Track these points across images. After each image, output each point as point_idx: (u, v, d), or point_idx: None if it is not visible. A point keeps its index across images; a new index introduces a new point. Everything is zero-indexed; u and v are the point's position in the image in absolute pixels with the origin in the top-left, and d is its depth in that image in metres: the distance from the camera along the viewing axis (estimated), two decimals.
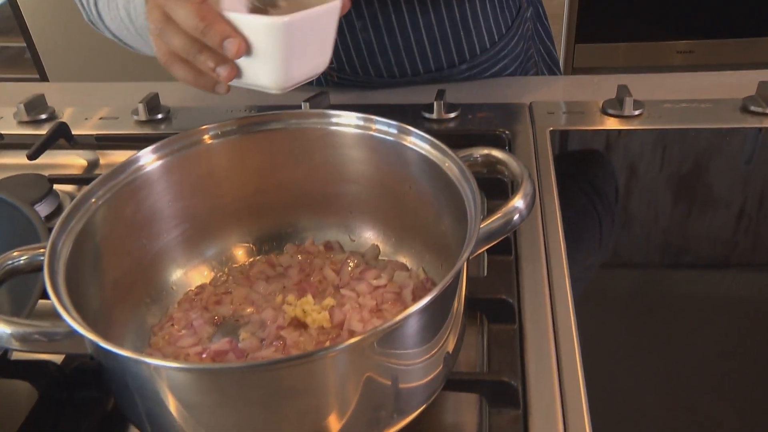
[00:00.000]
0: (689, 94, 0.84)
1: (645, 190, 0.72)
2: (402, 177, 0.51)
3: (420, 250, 0.54)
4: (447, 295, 0.40)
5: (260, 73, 0.52)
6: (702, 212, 0.68)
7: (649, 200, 0.70)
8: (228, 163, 0.53)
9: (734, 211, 0.67)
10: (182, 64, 0.54)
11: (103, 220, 0.46)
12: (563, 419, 0.46)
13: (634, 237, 0.66)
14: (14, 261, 0.42)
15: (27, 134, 0.85)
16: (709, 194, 0.70)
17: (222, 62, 0.52)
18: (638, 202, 0.70)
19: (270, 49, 0.50)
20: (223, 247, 0.56)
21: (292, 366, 0.36)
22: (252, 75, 0.52)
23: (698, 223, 0.66)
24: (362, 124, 0.51)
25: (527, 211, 0.45)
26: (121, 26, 0.74)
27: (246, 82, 0.53)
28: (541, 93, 0.90)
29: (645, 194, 0.71)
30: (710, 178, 0.73)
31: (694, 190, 0.71)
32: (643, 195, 0.71)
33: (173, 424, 0.39)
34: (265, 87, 0.52)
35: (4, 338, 0.38)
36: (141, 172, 0.49)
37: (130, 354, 0.36)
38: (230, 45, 0.49)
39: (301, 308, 0.50)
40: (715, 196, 0.69)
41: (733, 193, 0.70)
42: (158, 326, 0.51)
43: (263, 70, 0.51)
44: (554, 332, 0.53)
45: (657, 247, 0.65)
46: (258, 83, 0.53)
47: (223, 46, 0.50)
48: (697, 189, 0.71)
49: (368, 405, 0.39)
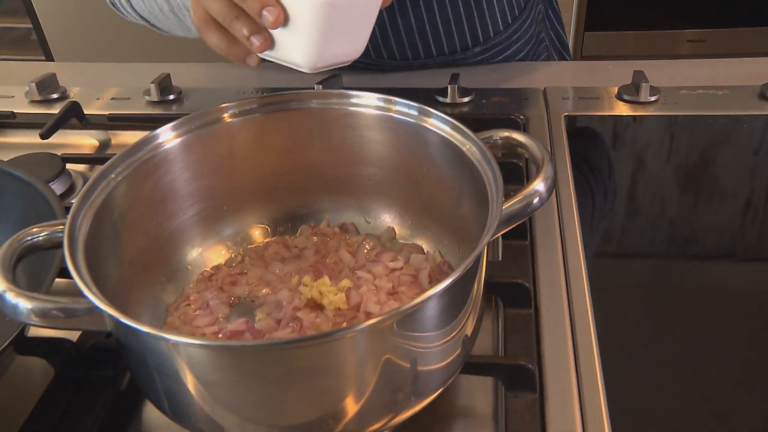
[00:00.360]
0: (705, 80, 0.83)
1: (660, 177, 0.71)
2: (421, 159, 0.51)
3: (437, 233, 0.54)
4: (468, 277, 0.40)
5: (294, 49, 0.51)
6: (722, 200, 0.67)
7: (665, 187, 0.70)
8: (247, 142, 0.52)
9: (761, 197, 0.67)
10: (217, 30, 0.53)
11: (121, 196, 0.46)
12: (579, 403, 0.46)
13: (651, 223, 0.66)
14: (33, 237, 0.41)
15: (39, 113, 0.85)
16: (728, 180, 0.69)
17: (257, 31, 0.50)
18: (654, 188, 0.70)
19: (309, 24, 0.49)
20: (239, 227, 0.56)
21: (312, 345, 0.36)
22: (285, 50, 0.51)
23: (720, 210, 0.66)
24: (382, 105, 0.51)
25: (547, 194, 0.45)
26: (153, 5, 0.74)
27: (277, 56, 0.52)
28: (555, 78, 0.89)
29: (660, 181, 0.71)
30: (728, 164, 0.72)
31: (713, 176, 0.70)
32: (659, 181, 0.70)
33: (191, 402, 0.39)
34: (295, 64, 0.51)
35: (24, 313, 0.38)
36: (160, 149, 0.48)
37: (150, 330, 0.35)
38: (269, 14, 0.48)
39: (317, 289, 0.49)
40: (734, 182, 0.69)
41: (754, 178, 0.69)
42: (174, 306, 0.51)
43: (297, 45, 0.50)
44: (570, 317, 0.53)
45: (676, 234, 0.64)
46: (289, 59, 0.51)
47: (261, 14, 0.49)
48: (716, 175, 0.71)
49: (386, 387, 0.39)
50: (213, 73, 0.97)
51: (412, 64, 0.91)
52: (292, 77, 0.94)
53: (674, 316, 0.55)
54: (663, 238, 0.64)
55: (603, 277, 0.58)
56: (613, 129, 0.79)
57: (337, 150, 0.53)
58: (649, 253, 0.63)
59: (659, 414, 0.47)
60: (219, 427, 0.40)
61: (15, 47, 3.20)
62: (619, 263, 0.63)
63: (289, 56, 0.51)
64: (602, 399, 0.46)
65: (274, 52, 0.52)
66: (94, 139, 0.83)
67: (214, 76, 0.97)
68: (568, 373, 0.48)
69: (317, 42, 0.49)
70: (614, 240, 0.65)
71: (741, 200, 0.67)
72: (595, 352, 0.49)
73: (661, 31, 1.96)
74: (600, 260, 0.61)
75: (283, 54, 0.51)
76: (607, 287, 0.57)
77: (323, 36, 0.49)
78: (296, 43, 0.50)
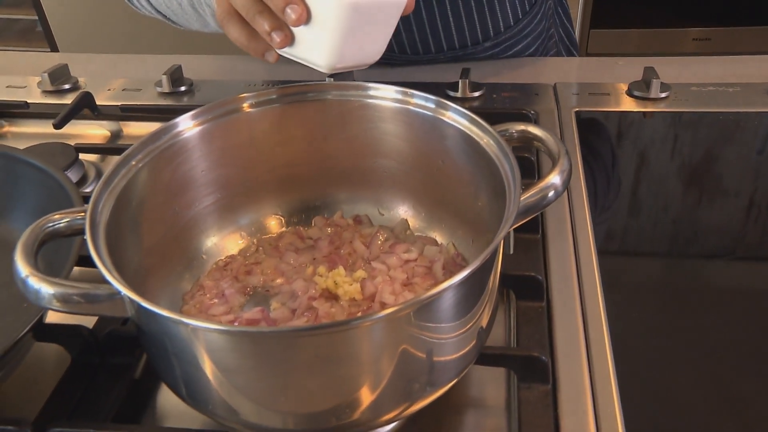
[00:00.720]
0: (715, 78, 0.84)
1: (671, 173, 0.71)
2: (437, 152, 0.51)
3: (451, 226, 0.54)
4: (485, 268, 0.40)
5: (314, 48, 0.51)
6: (735, 197, 0.67)
7: (674, 183, 0.70)
8: (264, 132, 0.53)
9: None
10: (238, 24, 0.54)
11: (141, 184, 0.46)
12: (592, 394, 0.47)
13: (663, 219, 0.66)
14: (55, 224, 0.42)
15: (51, 103, 0.85)
16: (741, 176, 0.70)
17: (279, 28, 0.51)
18: (664, 184, 0.70)
19: (331, 24, 0.49)
20: (254, 217, 0.56)
21: (332, 333, 0.37)
22: (305, 48, 0.52)
23: (730, 206, 0.66)
24: (400, 97, 0.51)
25: (563, 187, 0.45)
26: (172, 1, 0.74)
27: (296, 54, 0.52)
28: (565, 74, 0.90)
29: (670, 177, 0.71)
30: (737, 161, 0.72)
31: (727, 173, 0.71)
32: (669, 178, 0.71)
33: (208, 387, 0.40)
34: (314, 63, 0.52)
35: (46, 298, 0.38)
36: (179, 138, 0.49)
37: (172, 315, 0.36)
38: (292, 11, 0.49)
39: (332, 280, 0.50)
40: (743, 179, 0.69)
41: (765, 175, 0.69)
42: (189, 294, 0.52)
43: (318, 45, 0.50)
44: (582, 309, 0.53)
45: (687, 230, 0.65)
46: (308, 57, 0.52)
47: (285, 11, 0.49)
48: (730, 172, 0.71)
49: (402, 376, 0.40)
50: (223, 65, 0.98)
51: (422, 58, 0.91)
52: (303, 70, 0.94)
53: (685, 309, 0.55)
54: (675, 233, 0.65)
55: (614, 270, 0.58)
56: (623, 125, 0.79)
57: (353, 142, 0.54)
58: (662, 248, 0.63)
59: (671, 404, 0.47)
60: (235, 413, 0.40)
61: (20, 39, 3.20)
62: (629, 257, 0.63)
63: (309, 55, 0.51)
64: (614, 390, 0.47)
65: (293, 49, 0.52)
66: (105, 130, 0.84)
67: (224, 68, 0.97)
68: (580, 365, 0.49)
69: (338, 43, 0.49)
70: (626, 235, 0.65)
71: (752, 197, 0.67)
72: (606, 345, 0.50)
73: (666, 30, 1.96)
74: (609, 254, 0.61)
75: (303, 52, 0.52)
76: (619, 280, 0.58)
77: (344, 37, 0.49)
78: (317, 42, 0.50)
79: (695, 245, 0.63)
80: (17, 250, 0.40)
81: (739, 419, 0.46)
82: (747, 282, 0.59)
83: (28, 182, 0.57)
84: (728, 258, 0.61)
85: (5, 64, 1.03)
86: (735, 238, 0.63)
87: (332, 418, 0.40)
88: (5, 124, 0.85)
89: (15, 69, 1.00)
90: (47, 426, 0.44)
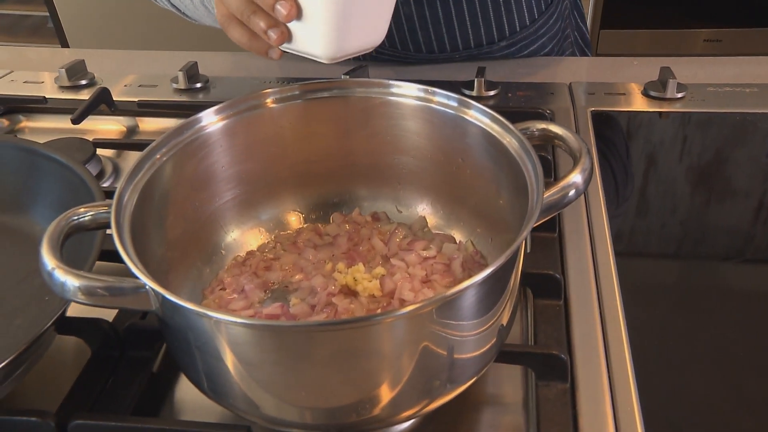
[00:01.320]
0: (730, 78, 0.83)
1: (687, 173, 0.71)
2: (457, 150, 0.51)
3: (469, 223, 0.54)
4: (508, 266, 0.41)
5: (312, 40, 0.52)
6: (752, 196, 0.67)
7: (689, 183, 0.70)
8: (286, 128, 0.53)
9: None
10: (238, 26, 0.54)
11: (165, 178, 0.47)
12: (611, 393, 0.47)
13: (676, 219, 0.66)
14: (80, 217, 0.42)
15: (68, 99, 0.86)
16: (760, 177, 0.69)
17: (274, 25, 0.52)
18: (679, 185, 0.70)
19: (323, 16, 0.49)
20: (273, 213, 0.56)
21: (355, 328, 0.37)
22: (303, 42, 0.52)
23: (750, 207, 0.66)
24: (422, 95, 0.51)
25: (584, 186, 0.45)
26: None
27: (296, 48, 0.53)
28: (580, 73, 0.90)
29: (686, 177, 0.71)
30: (759, 161, 0.72)
31: (741, 174, 0.70)
32: (684, 178, 0.71)
33: (230, 381, 0.40)
34: (314, 55, 0.52)
35: (71, 291, 0.39)
36: (203, 132, 0.49)
37: (197, 308, 0.36)
38: (282, 8, 0.50)
39: (351, 276, 0.50)
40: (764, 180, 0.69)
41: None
42: (209, 290, 0.52)
43: (315, 37, 0.51)
44: (600, 308, 0.53)
45: (706, 231, 0.65)
46: (308, 50, 0.52)
47: (275, 8, 0.50)
48: (744, 173, 0.70)
49: (423, 373, 0.40)
50: (239, 61, 0.98)
51: (438, 57, 0.91)
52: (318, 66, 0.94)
53: (703, 309, 0.55)
54: (691, 233, 0.64)
55: (631, 270, 0.58)
56: (638, 124, 0.79)
57: (374, 139, 0.54)
58: (680, 248, 0.63)
59: (690, 403, 0.47)
60: (256, 407, 0.40)
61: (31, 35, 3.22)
62: (645, 256, 0.63)
63: (308, 48, 0.52)
64: (633, 389, 0.47)
65: (293, 44, 0.53)
66: (121, 125, 0.84)
67: (239, 64, 0.97)
68: (598, 363, 0.49)
69: (333, 33, 0.50)
70: (641, 234, 0.65)
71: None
72: (625, 343, 0.50)
73: (677, 30, 1.95)
74: (626, 253, 0.61)
75: (302, 46, 0.52)
76: (636, 280, 0.58)
77: (339, 27, 0.50)
78: (312, 34, 0.51)
79: (716, 245, 0.63)
80: (43, 243, 0.40)
81: (758, 419, 0.46)
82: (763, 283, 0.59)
83: (49, 176, 0.57)
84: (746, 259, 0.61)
85: (19, 60, 1.04)
86: (757, 239, 0.63)
87: (352, 413, 0.40)
88: (23, 119, 0.85)
89: (29, 65, 1.00)
90: (69, 418, 0.44)
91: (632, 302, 0.54)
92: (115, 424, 0.44)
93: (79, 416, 0.44)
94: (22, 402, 0.49)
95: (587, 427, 0.44)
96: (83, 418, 0.44)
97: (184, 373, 0.44)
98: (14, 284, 0.55)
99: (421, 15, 0.86)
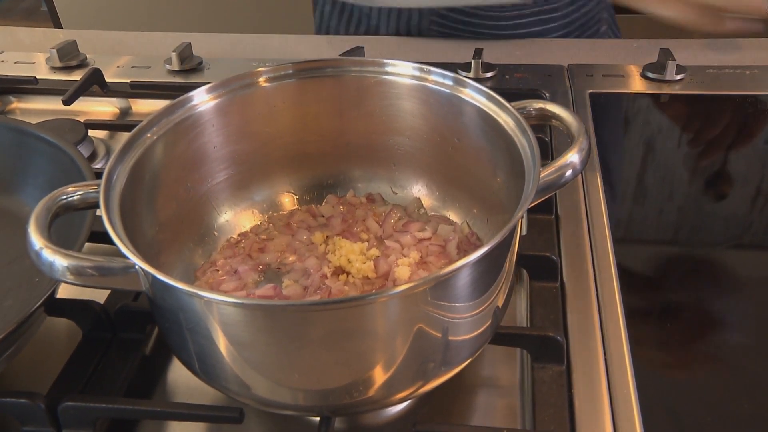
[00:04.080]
0: (732, 60, 0.83)
1: (685, 157, 0.71)
2: (453, 130, 0.50)
3: (465, 205, 0.54)
4: (503, 246, 0.40)
5: None
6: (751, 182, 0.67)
7: (689, 168, 0.69)
8: (279, 108, 0.52)
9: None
10: None
11: (155, 157, 0.46)
12: (607, 376, 0.46)
13: (672, 203, 0.65)
14: (68, 196, 0.41)
15: (60, 80, 0.85)
16: (758, 162, 0.69)
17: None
18: (675, 168, 0.69)
19: None
20: (267, 194, 0.56)
21: (348, 307, 0.36)
22: None
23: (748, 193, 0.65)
24: (418, 74, 0.50)
25: (581, 166, 0.45)
26: None
27: None
28: (579, 55, 0.89)
29: (685, 161, 0.70)
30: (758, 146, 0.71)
31: (740, 158, 0.70)
32: (684, 162, 0.70)
33: (222, 362, 0.39)
34: None
35: (60, 271, 0.38)
36: (194, 111, 0.48)
37: (190, 288, 0.35)
38: None
39: (345, 258, 0.49)
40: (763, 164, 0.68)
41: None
42: (201, 271, 0.52)
43: None
44: (596, 291, 0.53)
45: (700, 215, 0.64)
46: None
47: None
48: (744, 157, 0.70)
49: (417, 355, 0.39)
50: (233, 42, 0.97)
51: None
52: (315, 49, 0.94)
53: (700, 291, 0.55)
54: (689, 218, 0.64)
55: (629, 254, 0.58)
56: (637, 106, 0.78)
57: (368, 118, 0.53)
58: (677, 232, 0.63)
59: (686, 387, 0.47)
60: (248, 389, 0.40)
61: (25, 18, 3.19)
62: (642, 240, 0.62)
63: None
64: (629, 372, 0.46)
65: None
66: (114, 107, 0.83)
67: (234, 46, 0.96)
68: (594, 346, 0.48)
69: None
70: (637, 219, 0.65)
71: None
72: (621, 326, 0.49)
73: None
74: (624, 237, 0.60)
75: None
76: (633, 263, 0.57)
77: None
78: None
79: (714, 229, 0.63)
80: (31, 223, 0.39)
81: (754, 401, 0.46)
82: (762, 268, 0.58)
83: (40, 157, 0.56)
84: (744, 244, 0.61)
85: (11, 41, 1.03)
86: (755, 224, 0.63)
87: (346, 395, 0.40)
88: (14, 100, 0.84)
89: (21, 46, 0.99)
90: (60, 400, 0.43)
91: (629, 284, 0.53)
92: (105, 406, 0.44)
93: (69, 398, 0.44)
94: (12, 384, 0.49)
95: (583, 409, 0.44)
96: (74, 400, 0.44)
97: (176, 354, 0.43)
98: (4, 266, 0.55)
99: None
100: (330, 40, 1.01)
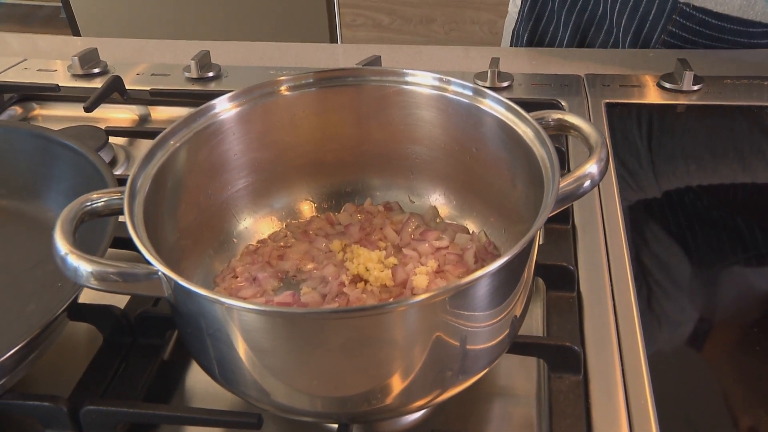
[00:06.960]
0: (750, 70, 0.82)
1: (702, 168, 0.70)
2: (471, 139, 0.51)
3: (483, 214, 0.54)
4: (522, 256, 0.40)
5: None
6: None
7: (708, 178, 0.69)
8: (300, 116, 0.52)
9: None
10: None
11: (178, 164, 0.46)
12: (624, 386, 0.46)
13: (689, 214, 0.65)
14: (93, 203, 0.42)
15: (81, 87, 0.86)
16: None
17: None
18: (695, 179, 0.69)
19: None
20: (286, 201, 0.56)
21: (368, 316, 0.37)
22: None
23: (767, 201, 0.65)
24: (437, 84, 0.51)
25: (600, 176, 0.45)
26: None
27: None
28: (594, 65, 0.89)
29: (704, 174, 0.70)
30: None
31: (759, 168, 0.70)
32: (702, 175, 0.70)
33: (241, 368, 0.40)
34: None
35: (84, 276, 0.38)
36: (216, 119, 0.49)
37: (210, 294, 0.36)
38: None
39: (363, 266, 0.50)
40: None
41: None
42: (220, 277, 0.52)
43: None
44: (613, 301, 0.53)
45: (718, 224, 0.64)
46: None
47: None
48: (762, 168, 0.70)
49: (435, 363, 0.39)
50: (251, 51, 0.98)
51: None
52: (331, 57, 0.94)
53: (719, 301, 0.55)
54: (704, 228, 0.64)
55: (646, 264, 0.58)
56: (653, 117, 0.78)
57: (387, 128, 0.53)
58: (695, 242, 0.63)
59: (704, 396, 0.47)
60: (267, 395, 0.40)
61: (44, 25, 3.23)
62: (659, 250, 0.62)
63: None
64: (646, 381, 0.46)
65: None
66: (133, 114, 0.84)
67: (251, 54, 0.97)
68: (611, 355, 0.48)
69: None
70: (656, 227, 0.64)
71: None
72: (638, 336, 0.49)
73: None
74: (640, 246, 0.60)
75: None
76: (652, 272, 0.57)
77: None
78: None
79: (732, 238, 0.63)
80: (56, 228, 0.40)
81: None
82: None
83: (63, 163, 0.57)
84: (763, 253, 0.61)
85: (32, 48, 1.04)
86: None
87: (364, 402, 0.40)
88: (36, 107, 0.86)
89: (41, 53, 1.00)
90: (82, 404, 0.44)
91: (645, 295, 0.53)
92: (126, 410, 0.44)
93: (91, 402, 0.44)
94: (35, 387, 0.49)
95: (600, 419, 0.44)
96: (95, 404, 0.44)
97: (196, 360, 0.44)
98: (27, 270, 0.55)
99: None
100: (346, 48, 1.02)
